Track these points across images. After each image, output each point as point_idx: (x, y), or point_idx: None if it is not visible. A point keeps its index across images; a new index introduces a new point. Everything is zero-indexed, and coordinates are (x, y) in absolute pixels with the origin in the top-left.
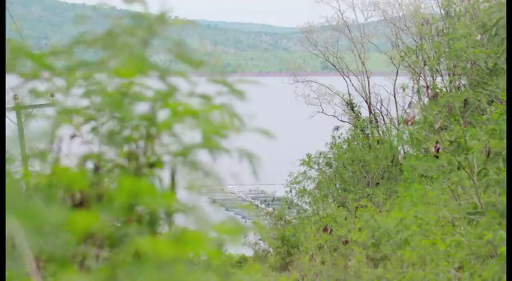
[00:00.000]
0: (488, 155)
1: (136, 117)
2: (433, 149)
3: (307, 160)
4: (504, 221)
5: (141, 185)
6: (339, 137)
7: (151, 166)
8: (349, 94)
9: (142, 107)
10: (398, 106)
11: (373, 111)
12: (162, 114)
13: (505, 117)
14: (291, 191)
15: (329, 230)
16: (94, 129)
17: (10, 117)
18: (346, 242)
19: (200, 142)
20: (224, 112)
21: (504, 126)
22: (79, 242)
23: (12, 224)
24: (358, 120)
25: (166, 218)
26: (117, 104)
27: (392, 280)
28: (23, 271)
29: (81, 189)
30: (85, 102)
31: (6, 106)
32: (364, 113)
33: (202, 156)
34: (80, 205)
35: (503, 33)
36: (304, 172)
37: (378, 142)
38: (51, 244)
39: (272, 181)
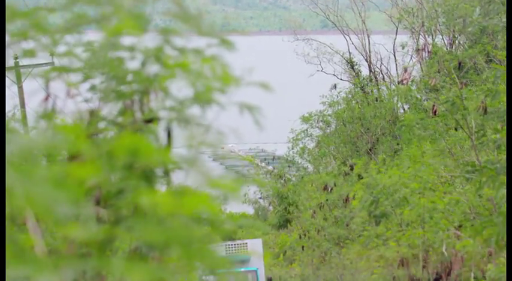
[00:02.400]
0: (485, 112)
1: (127, 73)
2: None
3: (307, 116)
4: (502, 178)
5: (139, 142)
6: (337, 96)
7: (147, 122)
8: (349, 53)
9: (135, 64)
10: (398, 65)
11: (373, 70)
12: (157, 71)
13: (503, 78)
14: (292, 148)
15: (329, 189)
16: (89, 87)
17: (10, 77)
18: (347, 200)
19: (194, 96)
20: (216, 64)
21: (500, 87)
22: (78, 198)
23: (11, 179)
24: (358, 78)
25: (164, 174)
26: (108, 60)
27: (392, 238)
28: (23, 228)
29: (77, 144)
30: (80, 60)
31: (6, 66)
32: (364, 71)
33: (203, 113)
34: (76, 159)
35: None
36: (306, 130)
37: (377, 99)
38: (50, 199)
39: (272, 140)
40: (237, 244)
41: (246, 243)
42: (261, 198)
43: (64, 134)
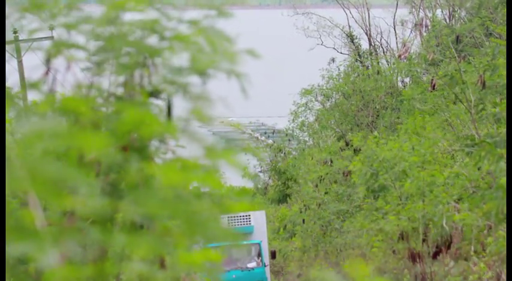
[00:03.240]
0: (484, 86)
1: (127, 46)
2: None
3: (307, 90)
4: (502, 151)
5: (144, 115)
6: (338, 69)
7: (148, 95)
8: (349, 26)
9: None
10: (398, 38)
11: (373, 44)
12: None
13: (502, 53)
14: (293, 122)
15: (329, 162)
16: (89, 60)
17: (9, 51)
18: (347, 173)
19: (191, 67)
20: (213, 35)
21: (499, 61)
22: (77, 169)
23: (12, 154)
24: (358, 52)
25: (165, 146)
26: (108, 33)
27: (391, 211)
28: (22, 202)
29: (85, 115)
30: (80, 34)
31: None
32: (364, 45)
33: (202, 84)
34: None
35: None
36: (306, 103)
37: (378, 72)
38: (49, 171)
39: (272, 113)
40: (240, 216)
41: (250, 215)
42: (260, 172)
43: (65, 106)
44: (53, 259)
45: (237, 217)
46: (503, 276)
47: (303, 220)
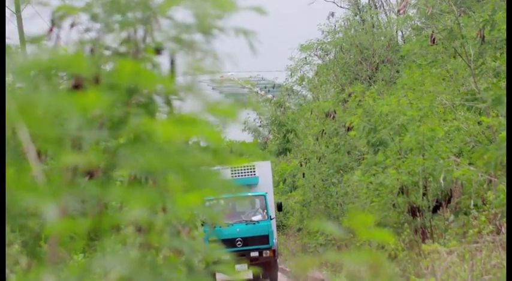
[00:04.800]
0: (483, 40)
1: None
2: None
3: (306, 45)
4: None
5: (140, 69)
6: (335, 25)
7: (150, 51)
8: None
9: None
10: None
11: None
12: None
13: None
14: (292, 77)
15: (331, 116)
16: (92, 16)
17: (8, 5)
18: (349, 128)
19: (195, 22)
20: None
21: (499, 15)
22: (80, 125)
23: (11, 110)
24: (357, 6)
25: (165, 101)
26: None
27: (391, 166)
28: (22, 157)
29: (80, 72)
30: None
31: None
32: None
33: (204, 40)
34: (78, 87)
35: None
36: (305, 58)
37: (373, 25)
38: (49, 127)
39: (273, 68)
40: (244, 167)
41: (254, 166)
42: (260, 126)
43: (66, 61)
44: (53, 213)
45: (241, 168)
46: (503, 230)
47: (303, 174)
